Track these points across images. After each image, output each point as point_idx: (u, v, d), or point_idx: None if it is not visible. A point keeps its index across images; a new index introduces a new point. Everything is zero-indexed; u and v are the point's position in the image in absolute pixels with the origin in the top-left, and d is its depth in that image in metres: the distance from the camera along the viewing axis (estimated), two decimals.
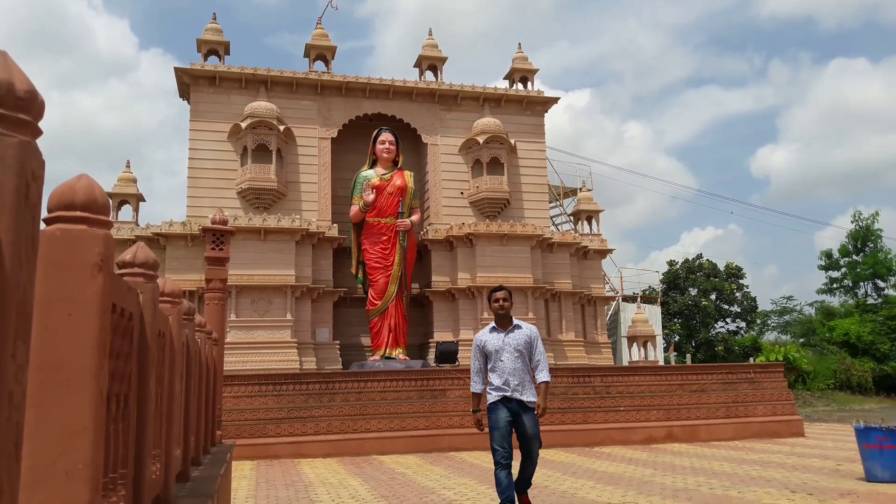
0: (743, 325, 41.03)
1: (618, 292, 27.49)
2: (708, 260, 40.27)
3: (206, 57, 21.09)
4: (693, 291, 39.17)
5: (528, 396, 5.99)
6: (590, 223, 24.44)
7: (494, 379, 6.06)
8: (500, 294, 6.25)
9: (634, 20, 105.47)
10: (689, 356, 32.71)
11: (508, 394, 5.97)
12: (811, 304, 45.66)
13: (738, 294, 40.05)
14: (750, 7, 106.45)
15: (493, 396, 6.03)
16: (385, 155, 19.35)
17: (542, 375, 6.09)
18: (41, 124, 0.97)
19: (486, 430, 6.06)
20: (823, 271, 44.24)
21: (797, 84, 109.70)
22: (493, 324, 6.28)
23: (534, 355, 6.14)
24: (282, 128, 19.88)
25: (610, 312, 26.10)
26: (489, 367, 6.15)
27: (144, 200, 21.57)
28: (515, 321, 6.26)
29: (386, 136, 19.54)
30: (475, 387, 6.23)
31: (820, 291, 44.45)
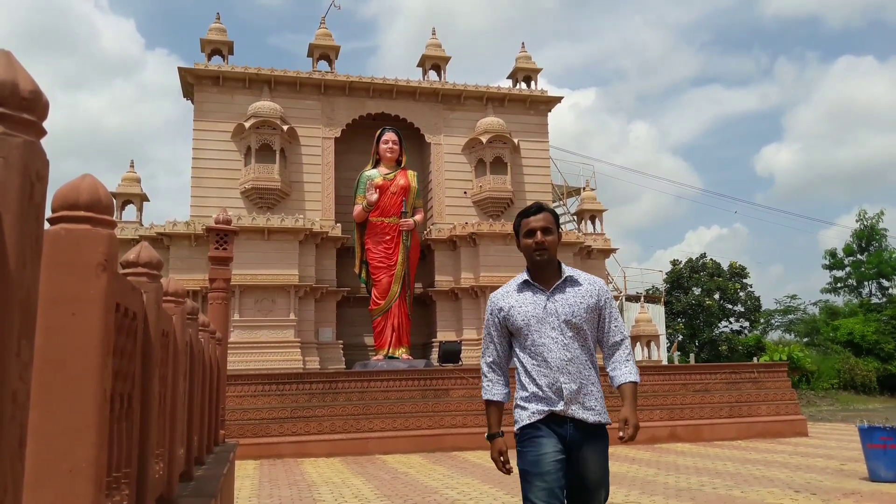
0: (746, 324, 40.95)
1: (621, 292, 27.46)
2: (712, 259, 40.22)
3: (209, 57, 21.11)
4: (697, 291, 39.11)
5: (594, 413, 3.10)
6: (593, 222, 24.42)
7: (531, 380, 3.14)
8: (537, 220, 3.22)
9: (639, 18, 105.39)
10: (692, 356, 32.66)
11: (559, 408, 3.05)
12: (815, 304, 45.58)
13: (741, 293, 39.97)
14: (754, 6, 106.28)
15: (528, 413, 3.11)
16: (388, 154, 19.36)
17: (625, 370, 3.20)
18: (45, 124, 0.97)
19: (511, 469, 3.16)
20: (828, 270, 44.15)
21: (803, 83, 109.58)
22: (523, 275, 3.28)
23: (606, 332, 3.24)
24: (285, 127, 19.90)
25: None
26: (518, 354, 3.22)
27: (148, 200, 21.60)
28: (568, 270, 3.25)
29: (389, 136, 19.54)
30: (490, 390, 3.27)
31: (824, 291, 44.38)
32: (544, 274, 3.22)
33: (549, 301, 3.15)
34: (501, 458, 3.15)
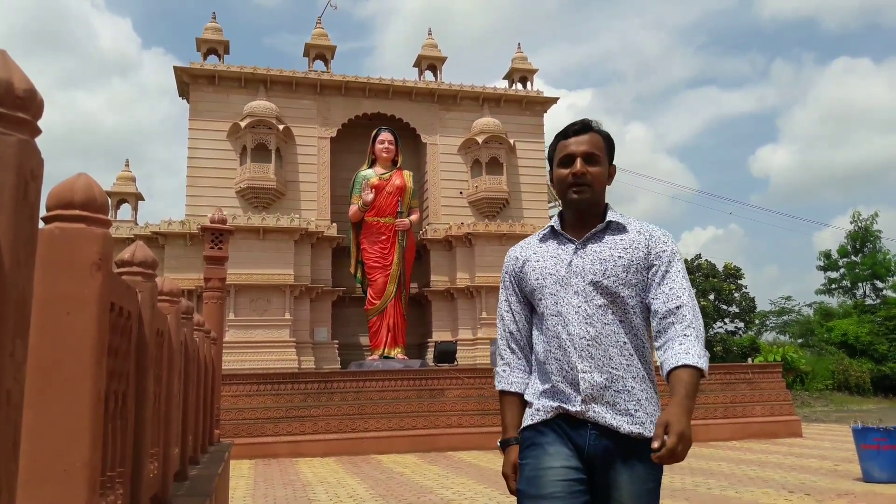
0: (741, 325, 41.05)
1: None
2: (707, 260, 40.32)
3: (205, 56, 21.08)
4: None
5: (633, 420, 2.05)
6: None
7: (541, 367, 2.21)
8: (579, 143, 2.22)
9: (637, 20, 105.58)
10: None
11: (574, 408, 2.08)
12: (810, 305, 45.69)
13: (736, 294, 40.07)
14: (751, 8, 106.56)
15: (532, 410, 2.20)
16: (384, 154, 19.36)
17: (679, 348, 2.01)
18: (40, 123, 0.97)
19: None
20: (822, 272, 44.26)
21: (799, 84, 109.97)
22: (553, 221, 2.35)
23: (655, 296, 2.14)
24: (281, 127, 19.88)
25: None
26: (535, 330, 2.28)
27: (143, 199, 21.59)
28: (615, 215, 2.25)
29: (385, 136, 19.54)
30: (505, 377, 2.32)
31: (818, 292, 44.46)
32: (582, 221, 2.22)
33: (576, 255, 2.15)
34: (512, 476, 2.18)
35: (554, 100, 23.40)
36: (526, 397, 2.23)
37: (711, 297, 39.26)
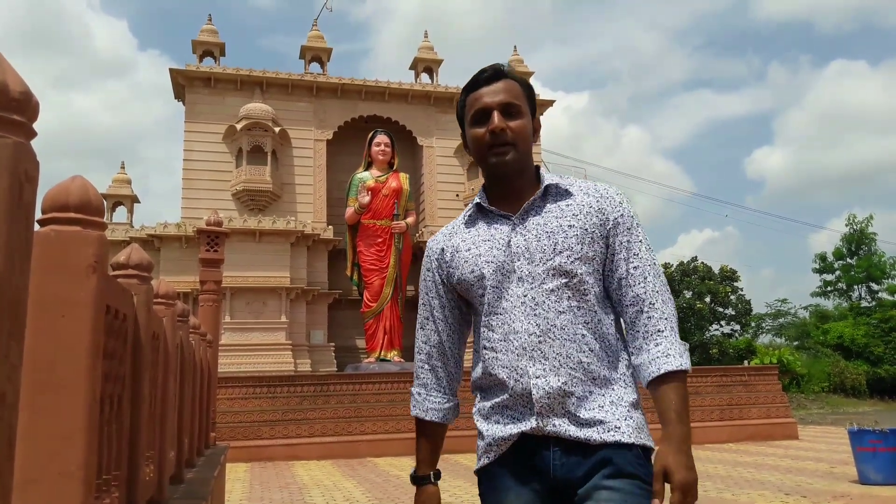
0: (737, 327, 41.08)
1: None
2: (703, 263, 40.33)
3: (201, 58, 21.06)
4: (687, 294, 39.21)
5: (603, 429, 1.63)
6: None
7: (486, 376, 1.74)
8: (493, 93, 1.77)
9: (632, 22, 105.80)
10: None
11: (529, 425, 1.65)
12: (805, 308, 45.78)
13: (732, 297, 40.11)
14: (747, 10, 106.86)
15: (483, 443, 1.76)
16: (380, 157, 19.35)
17: (656, 349, 1.67)
18: (35, 125, 0.97)
19: None
20: (818, 274, 44.37)
21: (795, 86, 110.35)
22: (478, 196, 1.87)
23: (619, 275, 1.72)
24: (277, 129, 19.87)
25: None
26: (480, 334, 1.78)
27: (139, 202, 21.56)
28: (551, 177, 1.81)
29: (381, 138, 19.54)
30: (420, 402, 1.91)
31: (814, 294, 44.57)
32: (510, 190, 1.80)
33: (514, 233, 1.73)
34: None
35: (550, 102, 23.43)
36: (475, 422, 1.80)
37: (707, 299, 39.28)
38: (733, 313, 40.53)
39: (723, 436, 14.62)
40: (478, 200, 1.84)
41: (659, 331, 1.67)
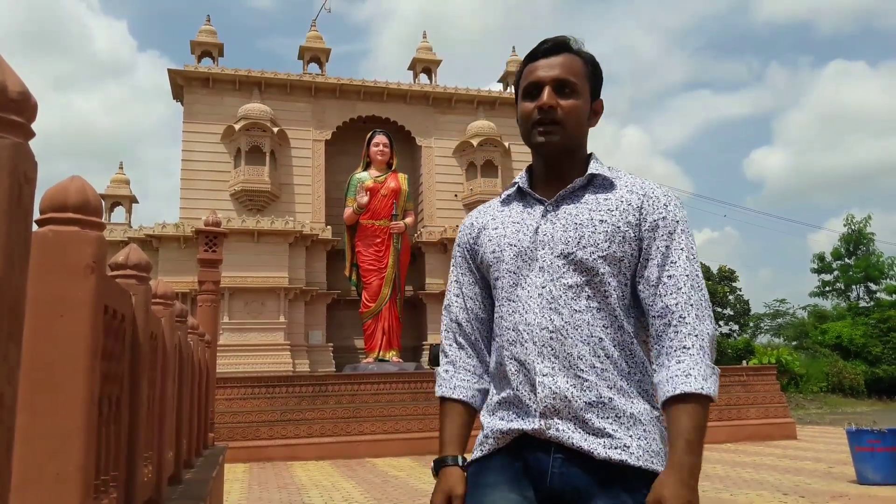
0: (736, 328, 41.15)
1: None
2: (701, 263, 40.38)
3: (199, 59, 21.05)
4: None
5: (611, 444, 1.48)
6: None
7: (498, 368, 1.65)
8: (548, 67, 1.64)
9: (632, 23, 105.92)
10: None
11: (531, 425, 1.53)
12: (804, 308, 45.84)
13: (731, 297, 40.18)
14: (747, 11, 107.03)
15: (485, 438, 1.65)
16: (379, 157, 19.36)
17: (678, 367, 1.47)
18: (34, 126, 0.97)
19: None
20: (816, 274, 44.42)
21: (794, 87, 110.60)
22: (520, 177, 1.75)
23: (651, 281, 1.55)
24: (275, 130, 19.87)
25: None
26: (495, 320, 1.68)
27: (137, 202, 21.56)
28: (599, 166, 1.67)
29: (380, 139, 19.54)
30: (447, 381, 1.75)
31: (812, 294, 44.63)
32: (555, 175, 1.67)
33: (544, 220, 1.62)
34: None
35: None
36: (480, 417, 1.70)
37: None
38: (732, 313, 40.61)
39: (721, 436, 14.62)
40: (519, 183, 1.73)
41: (685, 347, 1.48)
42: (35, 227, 1.44)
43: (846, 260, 43.09)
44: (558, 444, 1.50)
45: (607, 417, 1.49)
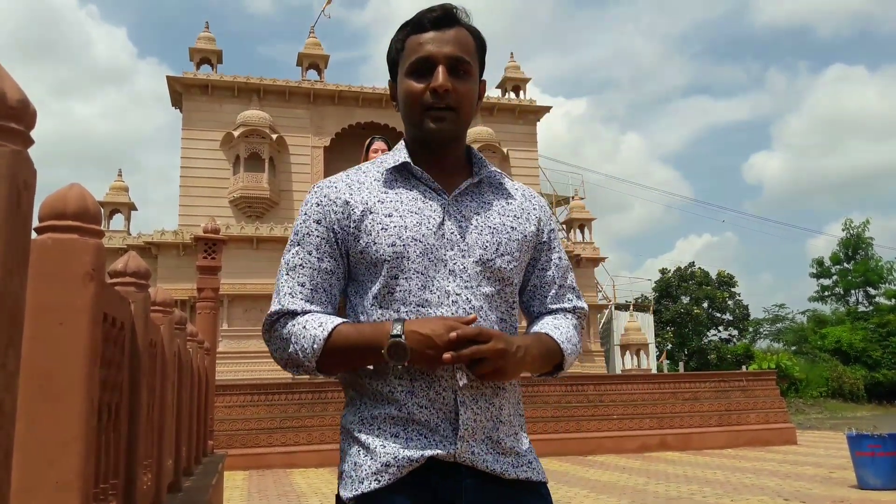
0: (735, 333, 41.14)
1: (610, 300, 27.53)
2: (700, 268, 40.41)
3: (198, 66, 21.10)
4: (685, 299, 39.26)
5: (517, 462, 1.39)
6: (582, 231, 24.50)
7: (392, 381, 1.34)
8: (441, 40, 1.42)
9: (631, 29, 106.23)
10: (681, 364, 32.75)
11: (447, 450, 1.31)
12: (803, 313, 45.86)
13: (730, 302, 40.17)
14: (745, 16, 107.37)
15: (375, 462, 1.32)
16: None
17: (555, 325, 1.48)
18: (33, 133, 0.97)
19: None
20: (815, 279, 44.46)
21: (793, 92, 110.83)
22: (397, 151, 1.52)
23: (540, 285, 1.54)
24: (274, 136, 19.89)
25: (602, 321, 26.13)
26: (373, 318, 1.38)
27: (136, 209, 21.54)
28: (485, 161, 1.55)
29: (379, 145, 19.29)
30: (316, 320, 1.40)
31: (812, 299, 44.71)
32: (438, 164, 1.48)
33: (447, 216, 1.42)
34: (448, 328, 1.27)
35: (547, 108, 23.49)
36: (349, 428, 1.39)
37: (705, 304, 39.35)
38: (731, 318, 40.60)
39: (721, 441, 14.60)
40: (405, 159, 1.46)
41: (562, 327, 1.48)
42: (34, 235, 1.44)
43: (845, 264, 43.14)
44: (468, 467, 1.33)
45: (512, 435, 1.41)
